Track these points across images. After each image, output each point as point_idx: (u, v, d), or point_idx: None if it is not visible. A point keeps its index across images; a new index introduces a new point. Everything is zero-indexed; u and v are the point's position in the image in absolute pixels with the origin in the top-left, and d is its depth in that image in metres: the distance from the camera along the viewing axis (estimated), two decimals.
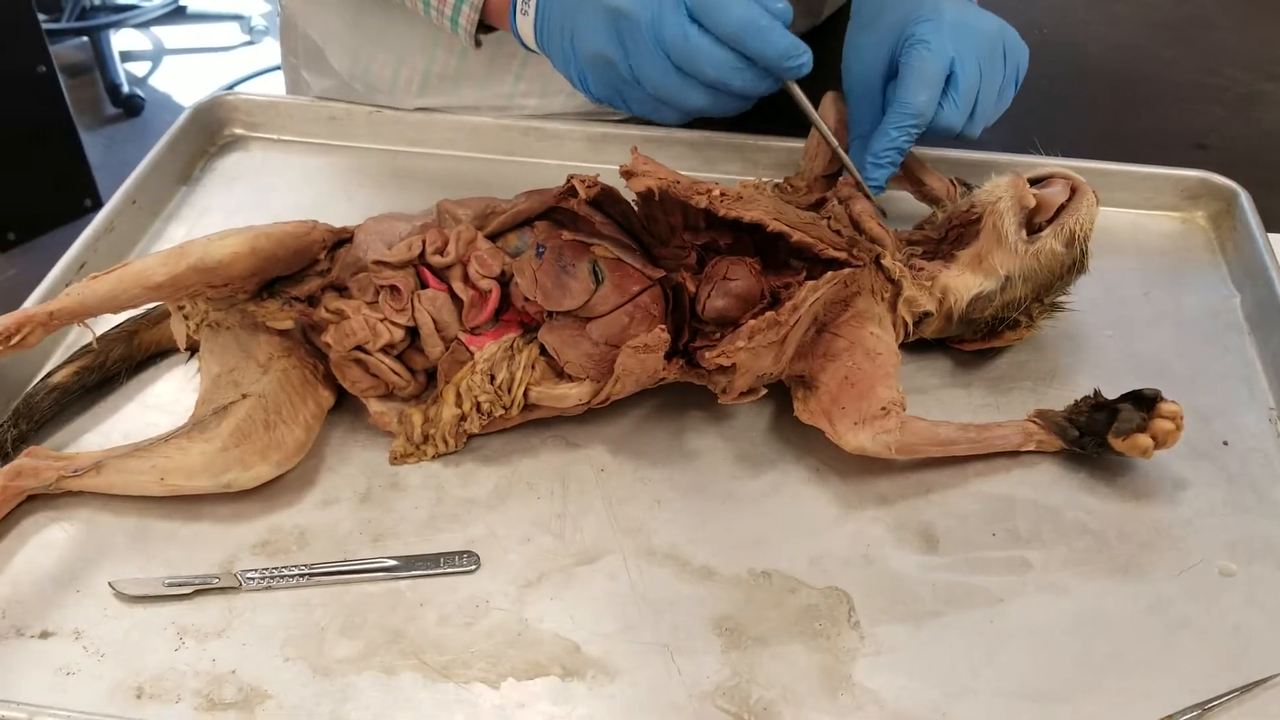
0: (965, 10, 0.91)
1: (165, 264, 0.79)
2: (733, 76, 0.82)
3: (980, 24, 0.91)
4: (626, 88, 0.86)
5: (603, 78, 0.86)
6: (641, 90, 0.85)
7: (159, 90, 3.37)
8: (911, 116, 0.89)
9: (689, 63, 0.82)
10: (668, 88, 0.83)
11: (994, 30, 0.92)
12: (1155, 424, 0.81)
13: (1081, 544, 0.80)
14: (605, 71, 0.85)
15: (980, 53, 0.90)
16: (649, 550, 0.79)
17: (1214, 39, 1.34)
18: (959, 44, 0.89)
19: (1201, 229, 1.07)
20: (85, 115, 3.19)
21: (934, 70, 0.88)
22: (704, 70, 0.82)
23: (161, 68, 3.49)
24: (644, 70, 0.83)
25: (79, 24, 3.34)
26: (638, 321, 0.84)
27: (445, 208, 0.91)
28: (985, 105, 0.92)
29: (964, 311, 0.89)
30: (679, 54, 0.81)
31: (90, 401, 0.89)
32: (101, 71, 3.30)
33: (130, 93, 3.25)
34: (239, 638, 0.74)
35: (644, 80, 0.84)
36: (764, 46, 0.81)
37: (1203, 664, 0.73)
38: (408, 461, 0.85)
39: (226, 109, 1.14)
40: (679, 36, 0.80)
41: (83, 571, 0.78)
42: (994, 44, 0.92)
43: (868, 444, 0.81)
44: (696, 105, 0.85)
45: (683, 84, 0.83)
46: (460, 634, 0.74)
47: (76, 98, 3.24)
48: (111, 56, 3.30)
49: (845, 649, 0.74)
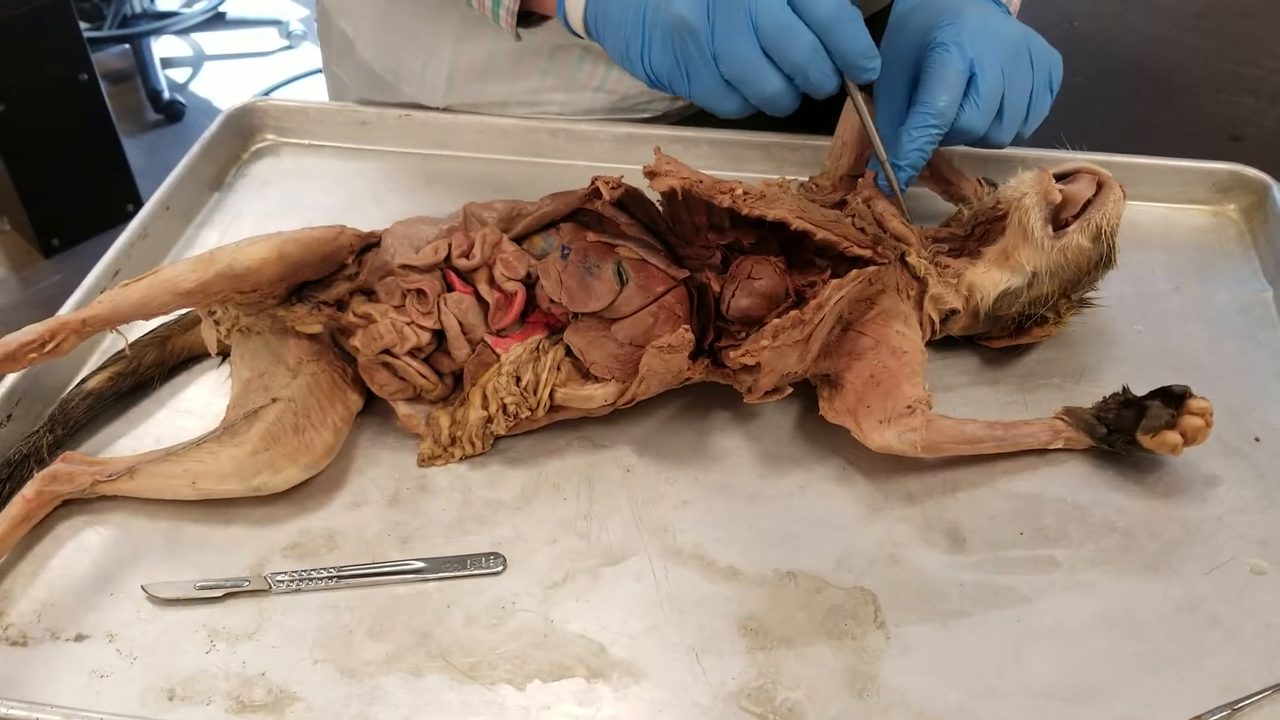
0: (988, 16, 0.91)
1: (194, 271, 0.80)
2: (814, 66, 0.81)
3: (1002, 29, 0.91)
4: (698, 63, 0.84)
5: (677, 48, 0.84)
6: (713, 68, 0.83)
7: (199, 96, 3.41)
8: (932, 118, 0.88)
9: (777, 43, 0.81)
10: (748, 67, 0.82)
11: (1017, 35, 0.91)
12: (1184, 421, 0.80)
13: (1110, 542, 0.79)
14: (683, 42, 0.83)
15: (1003, 56, 0.89)
16: (674, 550, 0.80)
17: (1250, 29, 1.32)
18: (980, 47, 0.88)
19: (1234, 222, 1.06)
20: (127, 121, 3.23)
21: (954, 72, 0.88)
22: (790, 54, 0.81)
23: (202, 73, 3.53)
24: (728, 45, 0.82)
25: (120, 32, 3.39)
26: (662, 322, 0.84)
27: (472, 211, 0.91)
28: (1013, 109, 0.91)
29: (990, 308, 0.88)
30: (770, 32, 0.80)
31: (124, 407, 0.90)
32: (143, 78, 3.34)
33: (171, 99, 3.28)
34: (269, 640, 0.75)
35: (724, 56, 0.82)
36: (849, 41, 0.81)
37: (1232, 662, 0.73)
38: (435, 464, 0.86)
39: (258, 115, 1.16)
40: (776, 14, 0.80)
41: (117, 574, 0.79)
42: (1017, 49, 0.91)
43: (893, 442, 0.80)
44: (769, 92, 0.83)
45: (763, 66, 0.82)
46: (487, 635, 0.75)
47: (118, 104, 3.29)
48: (152, 63, 3.34)
49: (871, 649, 0.74)
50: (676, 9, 0.82)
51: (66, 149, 2.71)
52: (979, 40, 0.89)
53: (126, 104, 3.34)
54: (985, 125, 0.90)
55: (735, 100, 0.85)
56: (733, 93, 0.84)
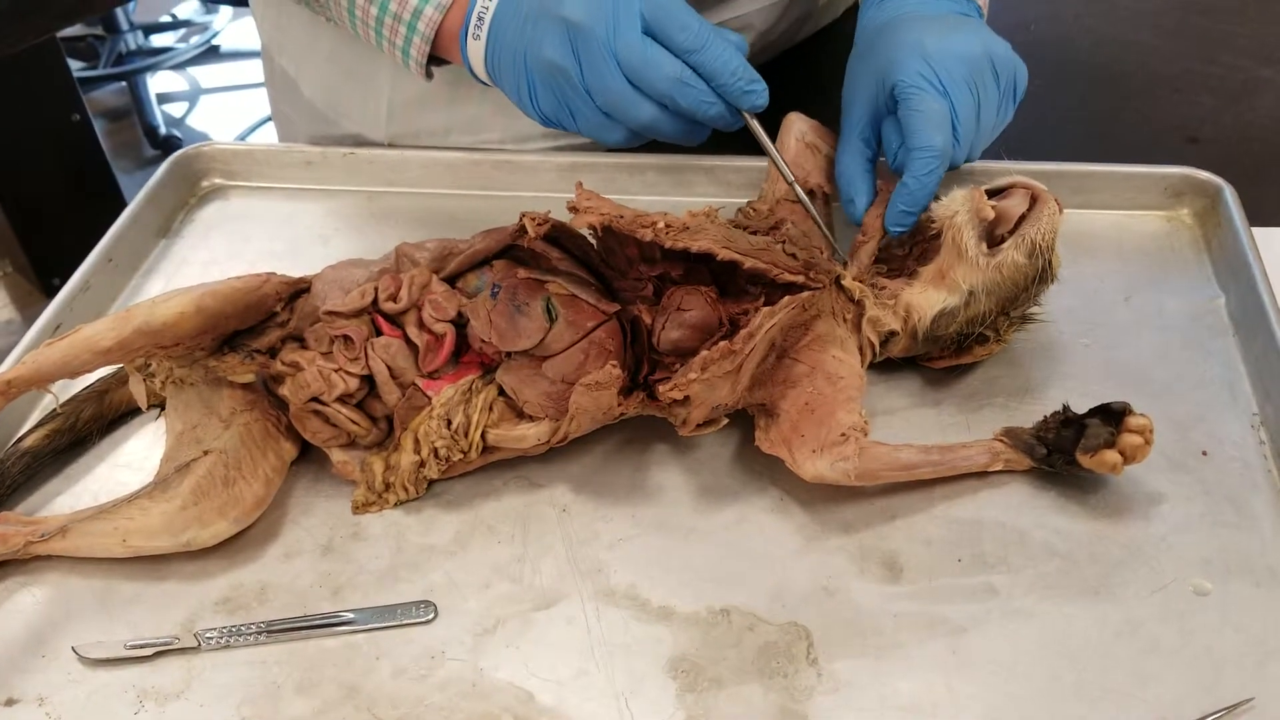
0: (948, 39, 0.89)
1: (113, 329, 0.79)
2: (680, 93, 0.83)
3: (965, 49, 0.89)
4: (576, 100, 0.86)
5: (554, 90, 0.87)
6: (590, 104, 0.86)
7: (196, 130, 3.43)
8: (934, 159, 0.86)
9: (640, 75, 0.83)
10: (619, 99, 0.84)
11: (978, 52, 0.89)
12: (1123, 439, 0.78)
13: (1050, 567, 0.78)
14: (557, 83, 0.86)
15: (970, 79, 0.88)
16: (608, 591, 0.78)
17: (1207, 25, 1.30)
18: (949, 78, 0.87)
19: (1187, 227, 1.04)
20: (125, 158, 3.26)
21: (937, 111, 0.86)
22: (654, 84, 0.83)
23: (198, 107, 3.55)
24: (596, 81, 0.84)
25: (115, 70, 3.41)
26: (594, 358, 0.83)
27: (404, 251, 0.91)
28: (985, 126, 0.90)
29: (929, 328, 0.87)
30: (631, 65, 0.83)
31: (63, 463, 0.90)
32: (139, 115, 3.36)
33: (168, 134, 3.30)
34: (197, 699, 0.74)
35: (595, 91, 0.85)
36: (715, 62, 0.82)
37: (1173, 688, 0.71)
38: (369, 510, 0.85)
39: (204, 159, 1.15)
40: (633, 46, 0.82)
41: (49, 636, 0.78)
42: (981, 66, 0.89)
43: (826, 472, 0.79)
44: (644, 120, 0.85)
45: (633, 96, 0.84)
46: (415, 686, 0.74)
47: (117, 141, 3.32)
48: (148, 99, 3.36)
49: (802, 687, 0.72)
50: (545, 54, 0.85)
51: (63, 190, 2.72)
52: (946, 71, 0.87)
53: (124, 140, 3.36)
54: (963, 157, 0.90)
55: (619, 131, 0.87)
56: (615, 124, 0.86)
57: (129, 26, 3.52)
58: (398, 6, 0.93)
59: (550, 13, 0.85)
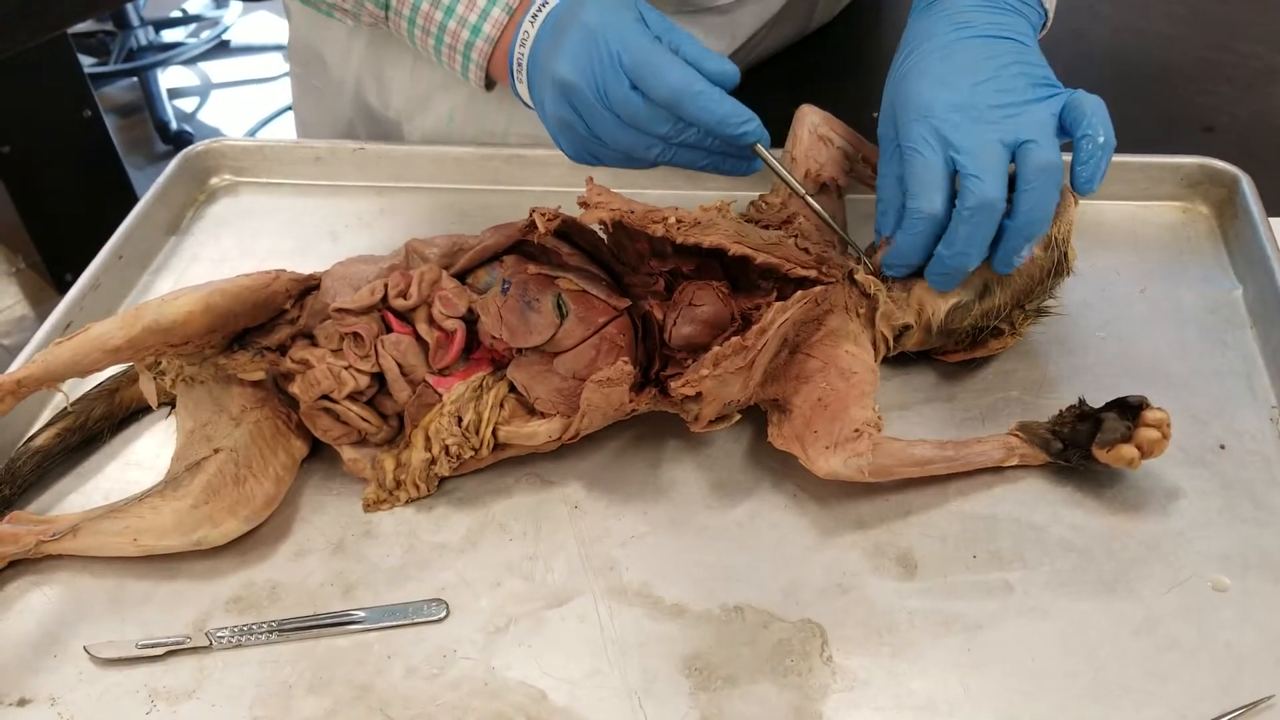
0: (935, 92, 0.83)
1: (122, 328, 0.79)
2: (680, 137, 0.83)
3: (946, 98, 0.82)
4: (594, 146, 0.86)
5: (571, 140, 0.87)
6: (608, 148, 0.85)
7: (207, 125, 3.43)
8: (922, 221, 0.81)
9: (638, 123, 0.82)
10: (630, 144, 0.84)
11: (992, 138, 0.80)
12: (1140, 433, 0.78)
13: (1066, 563, 0.77)
14: (571, 135, 0.86)
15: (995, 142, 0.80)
16: (620, 589, 0.78)
17: (1224, 13, 1.28)
18: (960, 134, 0.80)
19: (1204, 218, 1.03)
20: (137, 154, 3.26)
21: (927, 172, 0.81)
22: (654, 130, 0.82)
23: (209, 102, 3.55)
24: (602, 130, 0.84)
25: (127, 66, 3.42)
26: (605, 354, 0.82)
27: (414, 247, 0.90)
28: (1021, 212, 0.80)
29: (943, 323, 0.86)
30: (629, 115, 0.82)
31: (74, 462, 0.89)
32: (150, 110, 3.36)
33: (179, 129, 3.30)
34: (209, 698, 0.74)
35: (604, 138, 0.84)
36: (700, 113, 0.80)
37: (1191, 686, 0.70)
38: (381, 508, 0.84)
39: (214, 156, 1.15)
40: (623, 102, 0.81)
41: (61, 635, 0.78)
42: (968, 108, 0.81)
43: (839, 468, 0.78)
44: (653, 157, 0.85)
45: (645, 139, 0.83)
46: (426, 686, 0.74)
47: (129, 137, 3.32)
48: (159, 95, 3.37)
49: (816, 686, 0.72)
50: (550, 109, 0.85)
51: (75, 186, 2.72)
52: (958, 129, 0.81)
53: (137, 136, 3.36)
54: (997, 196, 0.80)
55: (647, 163, 0.86)
56: (639, 159, 0.85)
57: (140, 22, 3.52)
58: (452, 38, 0.92)
59: (546, 72, 0.84)
